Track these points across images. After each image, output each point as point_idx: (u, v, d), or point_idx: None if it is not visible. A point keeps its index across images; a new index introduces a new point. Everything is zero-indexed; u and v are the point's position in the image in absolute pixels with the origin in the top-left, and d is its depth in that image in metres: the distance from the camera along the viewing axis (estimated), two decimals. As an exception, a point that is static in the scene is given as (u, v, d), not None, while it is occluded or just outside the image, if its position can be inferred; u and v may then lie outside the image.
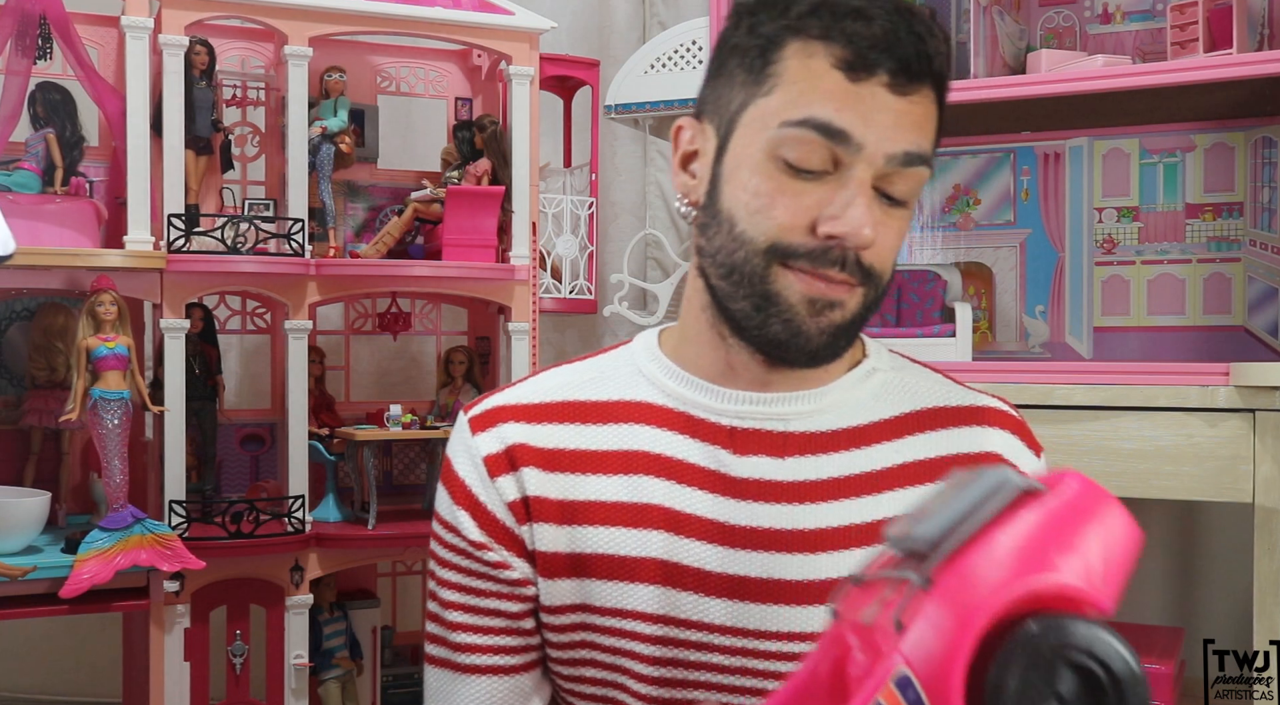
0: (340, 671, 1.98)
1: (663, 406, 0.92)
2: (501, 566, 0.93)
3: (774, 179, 0.84)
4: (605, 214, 2.37)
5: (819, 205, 0.83)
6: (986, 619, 0.57)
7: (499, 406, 0.95)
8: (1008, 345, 1.93)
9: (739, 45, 0.88)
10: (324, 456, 1.93)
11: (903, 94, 0.83)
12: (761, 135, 0.84)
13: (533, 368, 1.98)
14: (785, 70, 0.84)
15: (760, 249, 0.84)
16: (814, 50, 0.83)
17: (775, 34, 0.85)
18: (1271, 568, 1.40)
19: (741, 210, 0.85)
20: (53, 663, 2.27)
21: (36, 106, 1.85)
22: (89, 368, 1.65)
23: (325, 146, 1.91)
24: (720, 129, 0.88)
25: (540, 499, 0.92)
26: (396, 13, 1.89)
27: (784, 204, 0.83)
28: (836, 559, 0.88)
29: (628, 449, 0.91)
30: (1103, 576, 0.60)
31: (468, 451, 0.94)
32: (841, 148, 0.82)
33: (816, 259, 0.83)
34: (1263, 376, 1.40)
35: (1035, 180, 1.90)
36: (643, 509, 0.90)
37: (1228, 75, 1.49)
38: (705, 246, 0.89)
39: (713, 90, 0.90)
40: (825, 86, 0.82)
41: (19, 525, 1.68)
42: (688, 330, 0.94)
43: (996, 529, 0.59)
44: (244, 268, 1.79)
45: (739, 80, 0.87)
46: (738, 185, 0.86)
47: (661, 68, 1.98)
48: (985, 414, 0.96)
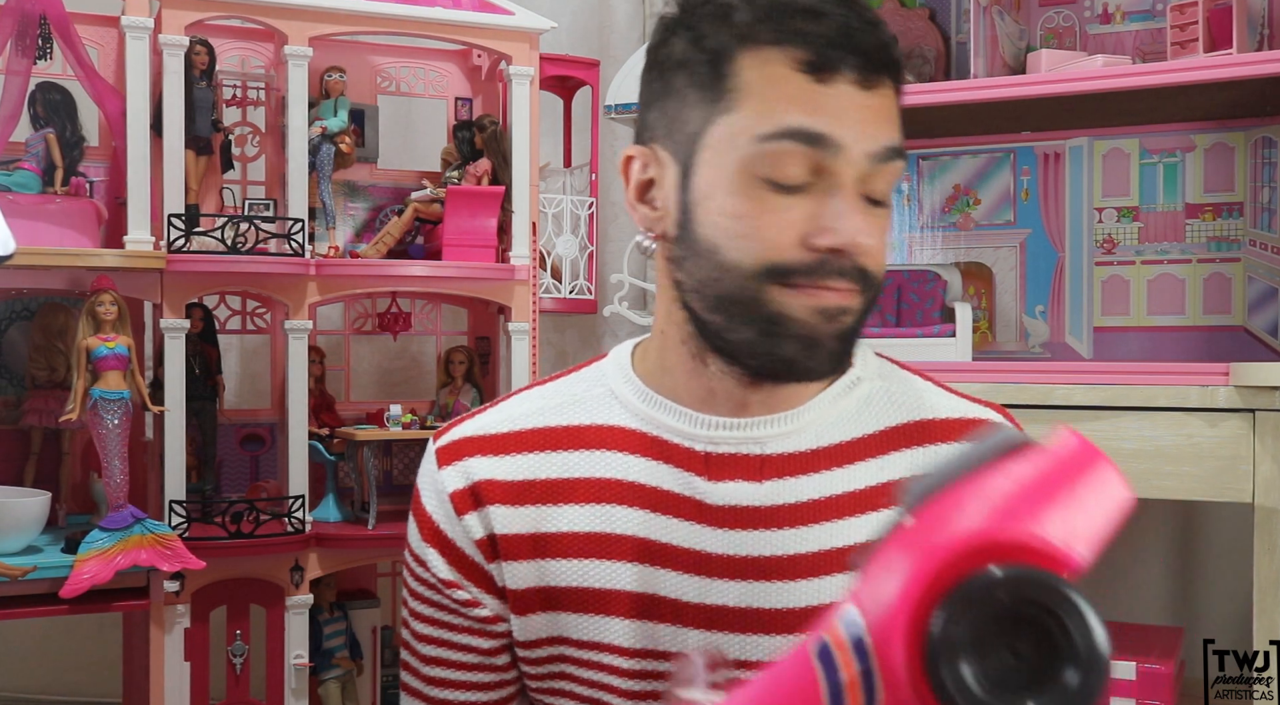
0: (340, 671, 1.98)
1: (636, 431, 0.89)
2: (472, 604, 0.91)
3: (755, 198, 0.79)
4: (605, 214, 2.37)
5: (808, 218, 0.79)
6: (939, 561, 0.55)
7: (466, 438, 0.92)
8: (1008, 345, 1.93)
9: (682, 61, 0.83)
10: (324, 456, 1.93)
11: (869, 88, 0.79)
12: (732, 154, 0.80)
13: (533, 368, 1.98)
14: (744, 83, 0.79)
15: (752, 273, 0.80)
16: (769, 57, 0.79)
17: (723, 45, 0.80)
18: (1271, 568, 1.40)
19: (724, 236, 0.80)
20: (53, 663, 2.27)
21: (36, 106, 1.84)
22: (89, 368, 1.65)
23: (325, 146, 1.91)
24: (680, 154, 0.83)
25: (508, 536, 0.89)
26: (396, 13, 1.89)
27: (770, 222, 0.79)
28: (816, 585, 0.85)
29: (599, 476, 0.88)
30: (1083, 537, 0.56)
31: (434, 486, 0.92)
32: (822, 153, 0.78)
33: (815, 273, 0.79)
34: (1263, 376, 1.40)
35: (1035, 180, 1.91)
36: (615, 539, 0.87)
37: (1228, 75, 1.49)
38: (684, 280, 0.84)
39: (660, 113, 0.85)
40: (791, 92, 0.78)
41: (19, 525, 1.68)
42: (665, 360, 0.89)
43: (979, 479, 0.58)
44: (244, 268, 1.79)
45: (691, 99, 0.82)
46: (714, 211, 0.81)
47: (661, 68, 1.98)
48: (976, 427, 0.91)
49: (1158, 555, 2.00)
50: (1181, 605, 1.98)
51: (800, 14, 0.79)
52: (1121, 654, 1.58)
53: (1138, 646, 1.62)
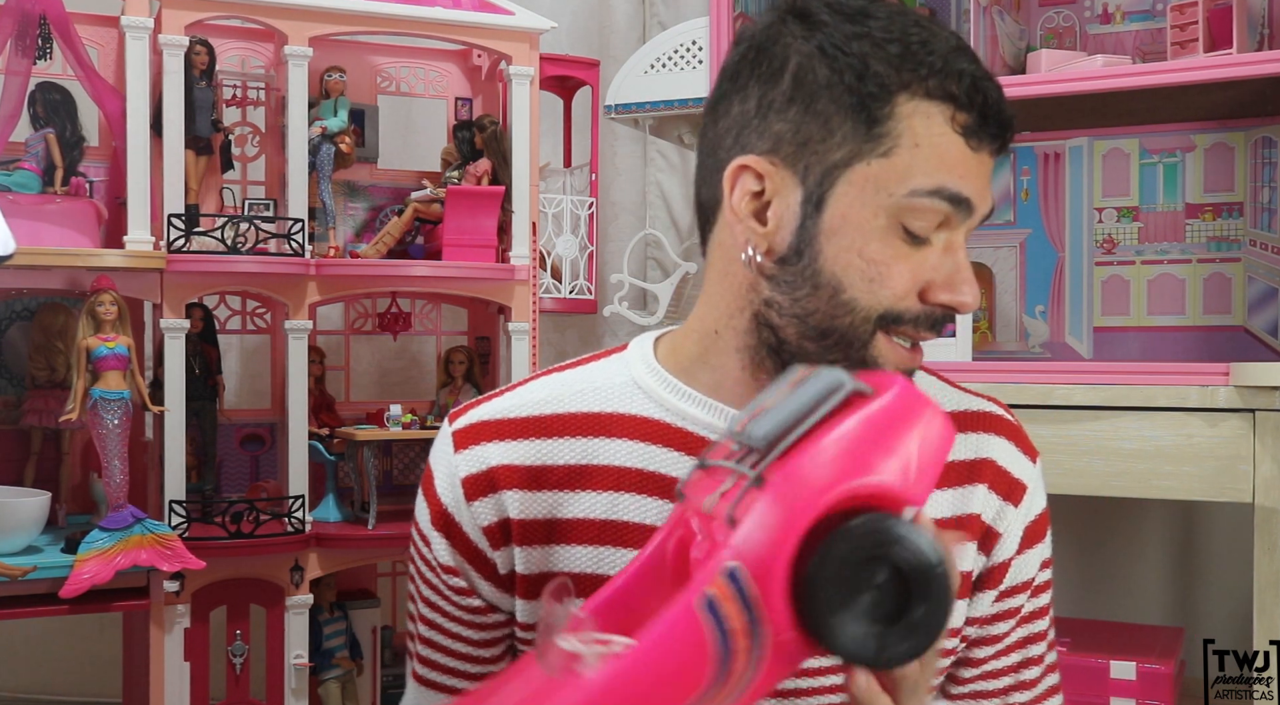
0: (340, 671, 1.98)
1: (659, 421, 0.89)
2: (465, 593, 0.92)
3: (892, 245, 0.80)
4: (605, 214, 2.37)
5: (928, 271, 0.81)
6: (810, 518, 0.64)
7: (484, 422, 0.91)
8: (1008, 345, 1.93)
9: (834, 84, 0.80)
10: (324, 456, 1.93)
11: (998, 154, 0.83)
12: (879, 198, 0.79)
13: (533, 368, 1.98)
14: (905, 130, 0.79)
15: (872, 317, 0.81)
16: (931, 111, 0.79)
17: (885, 83, 0.79)
18: (1271, 568, 1.40)
19: (855, 277, 0.80)
20: (53, 663, 2.27)
21: (36, 106, 1.85)
22: (89, 368, 1.65)
23: (325, 146, 1.91)
24: (811, 180, 0.81)
25: (523, 522, 0.89)
26: (396, 13, 1.89)
27: (899, 271, 0.80)
28: None
29: (617, 464, 0.88)
30: (917, 476, 0.67)
31: (447, 469, 0.91)
32: (958, 214, 0.81)
33: (920, 324, 0.82)
34: (1263, 376, 1.40)
35: (1035, 180, 1.90)
36: (630, 528, 0.87)
37: (1228, 75, 1.49)
38: (781, 303, 0.83)
39: (794, 128, 0.81)
40: (951, 154, 0.79)
41: (19, 525, 1.68)
42: (710, 358, 0.88)
43: (824, 431, 0.66)
44: (244, 268, 1.79)
45: (836, 126, 0.80)
46: (847, 249, 0.80)
47: (661, 68, 1.98)
48: (981, 419, 0.94)
49: (1158, 555, 2.00)
50: (1181, 605, 1.98)
51: (972, 76, 0.80)
52: (1121, 654, 1.58)
53: (1138, 646, 1.62)
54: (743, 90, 0.84)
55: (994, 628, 0.95)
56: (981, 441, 0.93)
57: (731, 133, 0.84)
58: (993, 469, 0.92)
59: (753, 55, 0.84)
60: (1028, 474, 0.94)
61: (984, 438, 0.93)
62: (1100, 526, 1.99)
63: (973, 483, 0.91)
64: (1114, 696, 1.56)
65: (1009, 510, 0.92)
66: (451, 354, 2.06)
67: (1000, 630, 0.95)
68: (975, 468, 0.92)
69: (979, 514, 0.91)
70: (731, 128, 0.84)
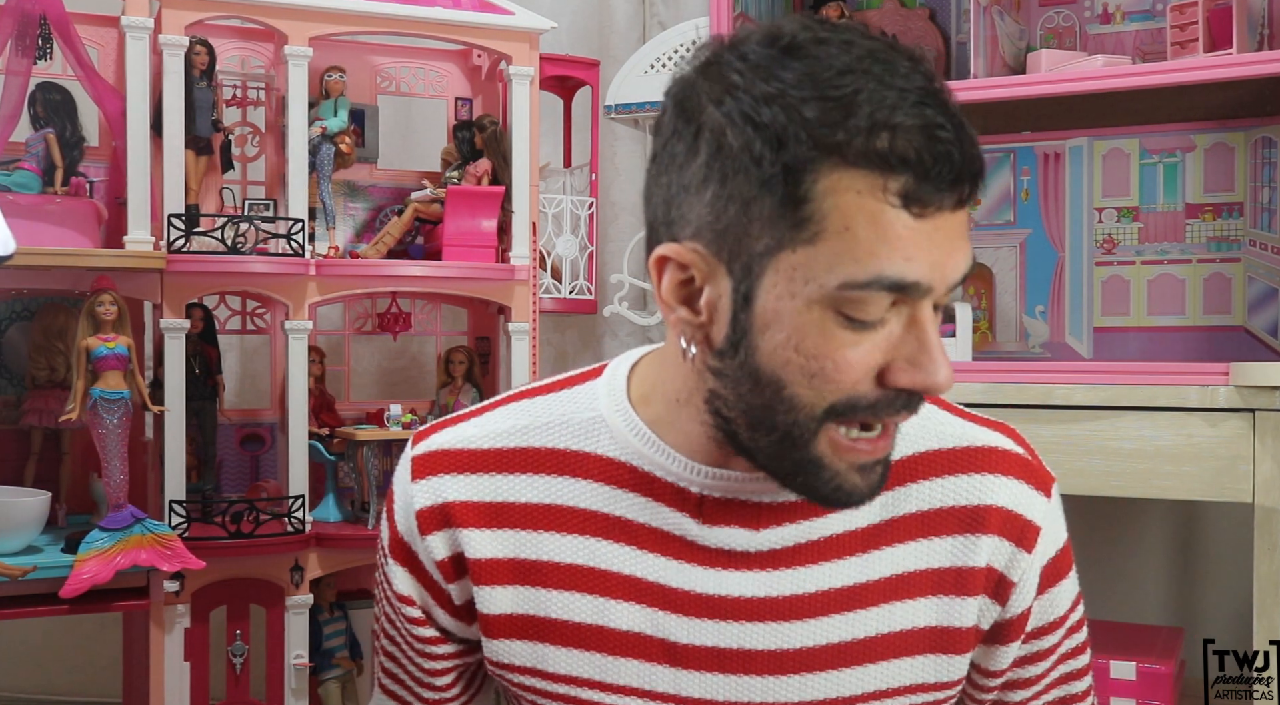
0: (340, 671, 1.98)
1: (624, 464, 0.83)
2: (417, 623, 0.90)
3: (833, 337, 0.70)
4: (605, 214, 2.37)
5: (884, 352, 0.71)
6: None
7: (444, 451, 0.87)
8: (1008, 345, 1.93)
9: (745, 162, 0.69)
10: (324, 456, 1.93)
11: (960, 208, 0.71)
12: (808, 290, 0.70)
13: (533, 368, 1.98)
14: (830, 210, 0.68)
15: (818, 415, 0.72)
16: (859, 183, 0.67)
17: (803, 155, 0.68)
18: (1271, 568, 1.40)
19: (795, 374, 0.71)
20: (53, 663, 2.27)
21: (36, 106, 1.84)
22: (89, 368, 1.65)
23: (325, 146, 1.91)
24: (736, 268, 0.72)
25: (482, 561, 0.85)
26: (396, 13, 1.89)
27: (845, 362, 0.71)
28: (811, 628, 0.82)
29: (584, 507, 0.84)
30: None
31: (404, 498, 0.88)
32: (910, 296, 0.70)
33: (880, 411, 0.73)
34: (1263, 376, 1.40)
35: (1035, 180, 1.91)
36: (607, 576, 0.84)
37: (1228, 75, 1.49)
38: (727, 397, 0.76)
39: (713, 214, 0.71)
40: (893, 233, 0.68)
41: (19, 525, 1.68)
42: (678, 421, 0.81)
43: None
44: (244, 268, 1.79)
45: (756, 211, 0.70)
46: (782, 345, 0.71)
47: (661, 68, 1.98)
48: (984, 457, 0.85)
49: (1158, 555, 2.00)
50: (1181, 605, 1.98)
51: (892, 131, 0.67)
52: (1121, 654, 1.58)
53: (1138, 646, 1.62)
54: (670, 157, 0.74)
55: (1026, 671, 0.90)
56: (984, 485, 0.85)
57: (661, 206, 0.76)
58: (1000, 516, 0.84)
59: (673, 116, 0.75)
60: (1039, 513, 0.86)
61: (986, 480, 0.85)
62: (1100, 526, 1.99)
63: (976, 532, 0.84)
64: (1114, 696, 1.56)
65: (1022, 557, 0.85)
66: (451, 354, 2.06)
67: (1035, 671, 0.91)
68: (979, 515, 0.84)
69: (988, 565, 0.84)
70: (661, 201, 0.76)
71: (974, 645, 0.86)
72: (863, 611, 0.83)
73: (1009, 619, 0.86)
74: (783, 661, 0.82)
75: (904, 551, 0.83)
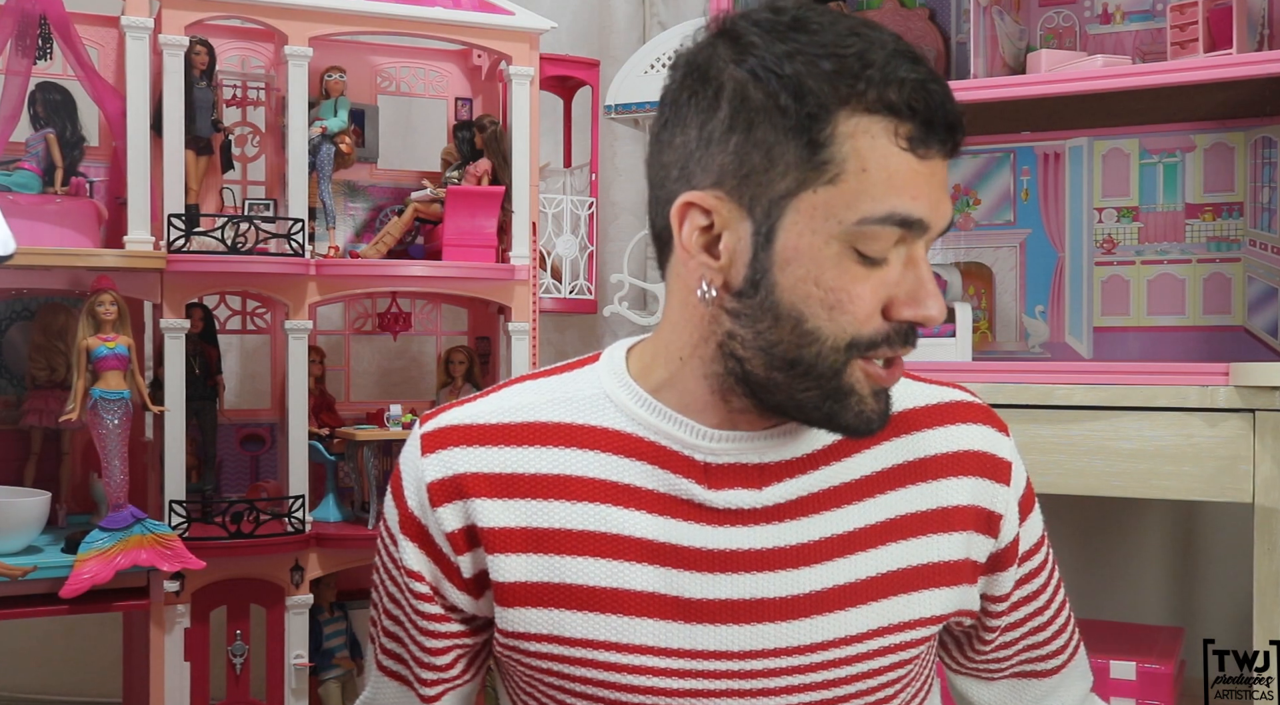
0: (340, 671, 1.98)
1: (631, 435, 0.88)
2: (424, 598, 0.91)
3: (848, 270, 0.79)
4: (605, 214, 2.37)
5: (888, 288, 0.80)
6: None
7: (453, 426, 0.91)
8: (1008, 345, 1.93)
9: (770, 109, 0.78)
10: (324, 456, 1.93)
11: (950, 156, 0.81)
12: (828, 227, 0.78)
13: (533, 368, 1.98)
14: (849, 153, 0.77)
15: (840, 346, 0.80)
16: (872, 127, 0.77)
17: (826, 101, 0.77)
18: (1271, 568, 1.40)
19: (815, 307, 0.79)
20: (53, 663, 2.27)
21: (36, 106, 1.85)
22: (89, 368, 1.65)
23: (325, 146, 1.91)
24: (758, 211, 0.80)
25: (495, 530, 0.88)
26: (396, 13, 1.89)
27: (859, 295, 0.79)
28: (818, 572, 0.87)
29: (595, 477, 0.87)
30: None
31: (414, 473, 0.91)
32: (913, 233, 0.80)
33: (891, 342, 0.81)
34: (1263, 376, 1.40)
35: (1035, 180, 1.91)
36: (621, 540, 0.87)
37: (1228, 75, 1.49)
38: (744, 336, 0.82)
39: (736, 160, 0.79)
40: (900, 174, 0.77)
41: (19, 525, 1.68)
42: (678, 382, 0.87)
43: None
44: (244, 268, 1.79)
45: (781, 157, 0.78)
46: (803, 279, 0.79)
47: (661, 68, 1.98)
48: (955, 410, 0.95)
49: (1158, 555, 2.00)
50: (1181, 605, 1.98)
51: (899, 83, 0.77)
52: (1121, 654, 1.58)
53: (1138, 646, 1.62)
54: (683, 120, 0.82)
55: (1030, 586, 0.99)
56: (959, 433, 0.93)
57: (676, 165, 0.82)
58: (977, 458, 0.93)
59: (689, 82, 0.82)
60: (1006, 450, 0.95)
61: (960, 428, 0.94)
62: (1100, 526, 1.99)
63: (958, 475, 0.92)
64: (1114, 696, 1.56)
65: (1002, 490, 0.93)
66: (451, 354, 2.06)
67: (1038, 584, 1.00)
68: (958, 460, 0.92)
69: (975, 504, 0.92)
70: (676, 160, 0.83)
71: (971, 578, 0.93)
72: (863, 554, 0.89)
73: (1003, 548, 0.94)
74: (793, 607, 0.87)
75: (895, 497, 0.90)
